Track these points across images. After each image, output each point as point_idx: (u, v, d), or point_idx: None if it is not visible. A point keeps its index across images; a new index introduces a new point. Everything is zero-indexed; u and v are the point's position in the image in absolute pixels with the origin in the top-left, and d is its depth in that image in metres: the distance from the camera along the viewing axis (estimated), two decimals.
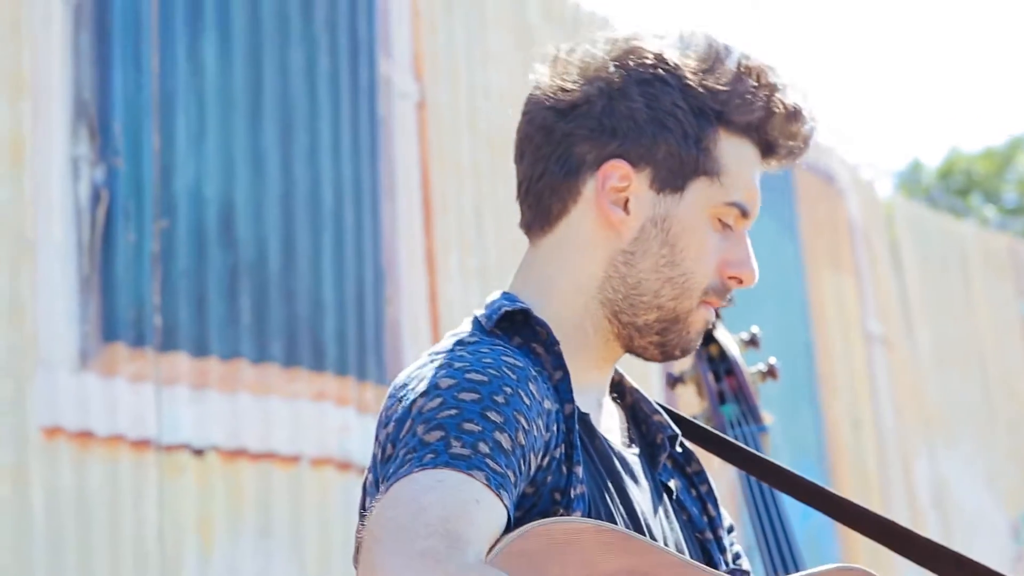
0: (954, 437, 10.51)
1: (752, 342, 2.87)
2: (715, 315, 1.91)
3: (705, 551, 1.93)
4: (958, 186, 21.99)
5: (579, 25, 7.36)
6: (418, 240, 6.33)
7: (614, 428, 1.91)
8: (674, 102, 1.84)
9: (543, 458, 1.73)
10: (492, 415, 1.66)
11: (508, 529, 1.63)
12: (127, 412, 5.14)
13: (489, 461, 1.63)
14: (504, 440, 1.65)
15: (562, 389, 1.79)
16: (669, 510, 1.91)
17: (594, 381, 1.89)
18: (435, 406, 1.67)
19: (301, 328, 5.74)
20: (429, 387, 1.69)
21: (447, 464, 1.61)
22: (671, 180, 1.85)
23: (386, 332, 6.07)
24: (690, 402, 2.90)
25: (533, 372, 1.75)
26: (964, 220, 12.48)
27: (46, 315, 4.95)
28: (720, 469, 2.12)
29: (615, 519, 1.78)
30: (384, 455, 1.70)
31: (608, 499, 1.80)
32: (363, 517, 1.65)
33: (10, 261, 4.90)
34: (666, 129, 1.84)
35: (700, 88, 1.84)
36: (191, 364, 5.36)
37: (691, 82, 1.84)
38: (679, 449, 1.97)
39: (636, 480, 1.86)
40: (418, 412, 1.68)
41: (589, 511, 1.76)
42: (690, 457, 1.98)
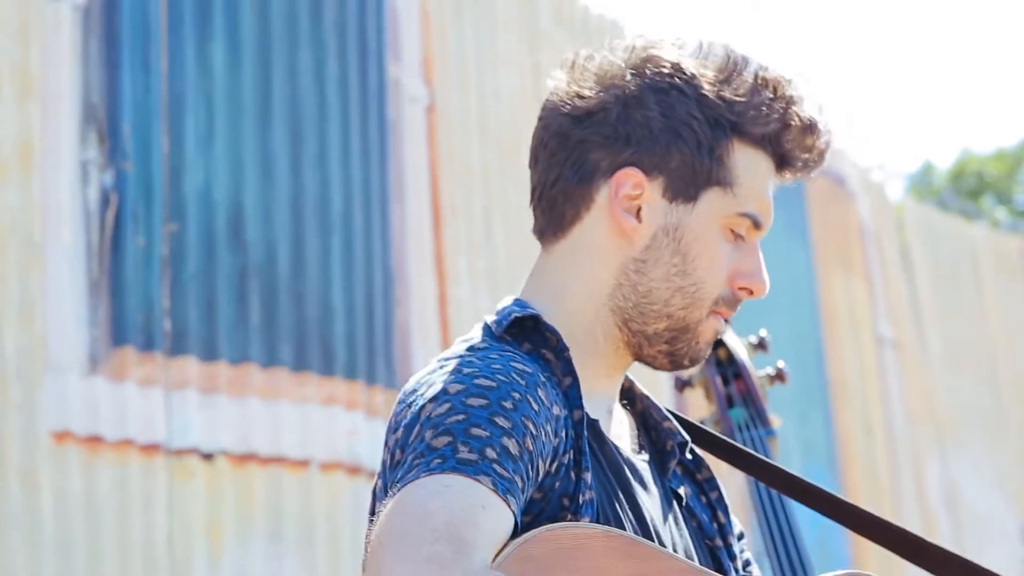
0: (965, 440, 10.49)
1: (761, 346, 2.86)
2: (725, 325, 1.90)
3: (715, 558, 1.93)
4: (970, 188, 21.95)
5: (588, 28, 7.35)
6: (427, 243, 6.32)
7: (624, 435, 1.91)
8: (689, 112, 1.84)
9: (551, 464, 1.73)
10: (500, 420, 1.66)
11: (515, 534, 1.63)
12: (136, 416, 5.13)
13: (496, 466, 1.63)
14: (512, 445, 1.65)
15: (571, 395, 1.79)
16: (679, 517, 1.91)
17: (604, 388, 1.89)
18: (443, 411, 1.67)
19: (310, 332, 5.73)
20: (438, 393, 1.70)
21: (454, 469, 1.61)
22: (684, 189, 1.85)
23: (395, 336, 6.07)
24: (698, 405, 2.90)
25: (542, 378, 1.75)
26: (975, 222, 12.46)
27: (55, 319, 4.95)
28: (728, 474, 2.12)
29: (624, 525, 1.78)
30: (393, 461, 1.70)
31: (617, 505, 1.80)
32: (372, 523, 1.65)
33: (19, 265, 4.90)
34: (680, 138, 1.84)
35: (716, 98, 1.84)
36: (200, 368, 5.35)
37: (707, 92, 1.84)
38: (689, 456, 1.97)
39: (645, 487, 1.86)
40: (426, 418, 1.68)
41: (598, 517, 1.76)
42: (700, 464, 1.98)
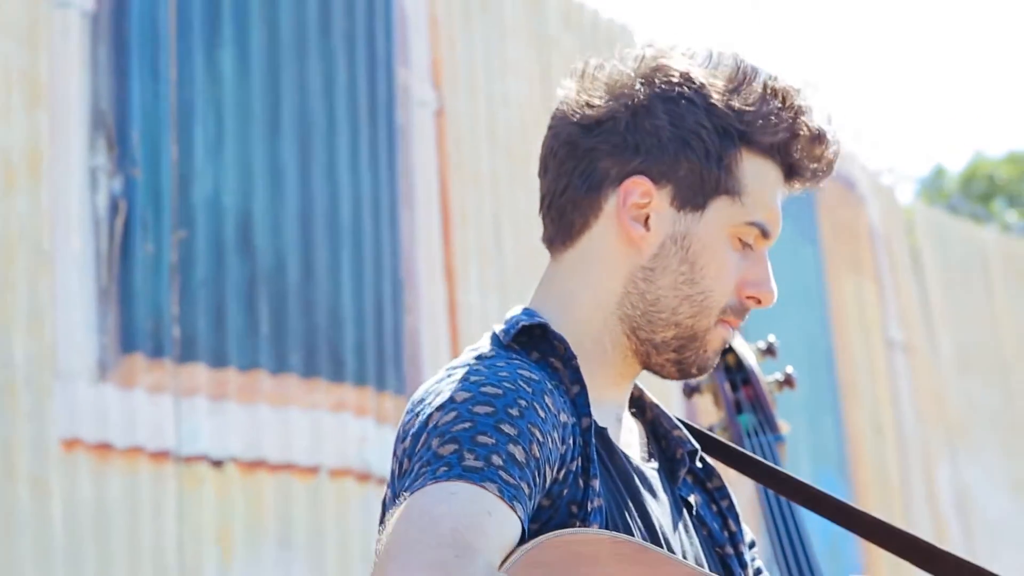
0: (976, 443, 10.48)
1: (769, 351, 2.86)
2: (733, 334, 1.90)
3: (726, 566, 1.93)
4: (981, 191, 21.92)
5: (597, 33, 7.35)
6: (437, 249, 6.32)
7: (633, 443, 1.91)
8: (698, 121, 1.84)
9: (559, 471, 1.73)
10: (506, 428, 1.66)
11: (523, 541, 1.63)
12: (146, 423, 5.13)
13: (502, 473, 1.63)
14: (518, 452, 1.66)
15: (579, 403, 1.79)
16: (689, 525, 1.91)
17: (612, 396, 1.89)
18: (450, 420, 1.68)
19: (320, 338, 5.73)
20: (445, 401, 1.70)
21: (460, 476, 1.61)
22: (692, 198, 1.85)
23: (405, 342, 6.06)
24: (707, 411, 2.90)
25: (549, 385, 1.75)
26: (986, 226, 12.44)
27: (64, 326, 4.95)
28: (737, 480, 2.12)
29: (633, 533, 1.79)
30: (401, 470, 1.71)
31: (626, 513, 1.80)
32: (380, 532, 1.65)
33: (28, 272, 4.90)
34: (688, 147, 1.84)
35: (725, 108, 1.85)
36: (210, 375, 5.35)
37: (716, 101, 1.85)
38: (699, 464, 1.97)
39: (655, 495, 1.86)
40: (433, 426, 1.68)
41: (606, 524, 1.76)
42: (711, 472, 1.99)
